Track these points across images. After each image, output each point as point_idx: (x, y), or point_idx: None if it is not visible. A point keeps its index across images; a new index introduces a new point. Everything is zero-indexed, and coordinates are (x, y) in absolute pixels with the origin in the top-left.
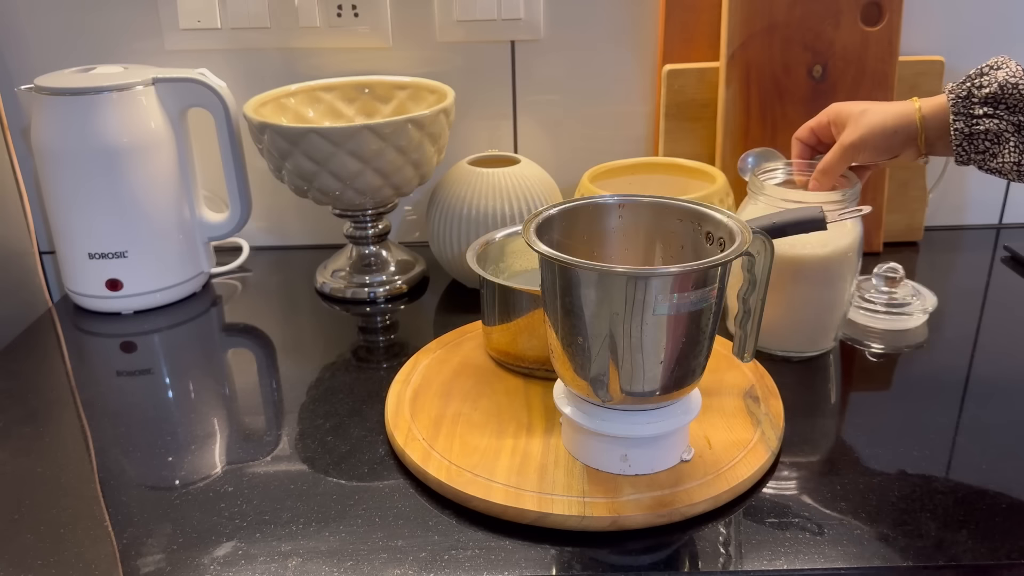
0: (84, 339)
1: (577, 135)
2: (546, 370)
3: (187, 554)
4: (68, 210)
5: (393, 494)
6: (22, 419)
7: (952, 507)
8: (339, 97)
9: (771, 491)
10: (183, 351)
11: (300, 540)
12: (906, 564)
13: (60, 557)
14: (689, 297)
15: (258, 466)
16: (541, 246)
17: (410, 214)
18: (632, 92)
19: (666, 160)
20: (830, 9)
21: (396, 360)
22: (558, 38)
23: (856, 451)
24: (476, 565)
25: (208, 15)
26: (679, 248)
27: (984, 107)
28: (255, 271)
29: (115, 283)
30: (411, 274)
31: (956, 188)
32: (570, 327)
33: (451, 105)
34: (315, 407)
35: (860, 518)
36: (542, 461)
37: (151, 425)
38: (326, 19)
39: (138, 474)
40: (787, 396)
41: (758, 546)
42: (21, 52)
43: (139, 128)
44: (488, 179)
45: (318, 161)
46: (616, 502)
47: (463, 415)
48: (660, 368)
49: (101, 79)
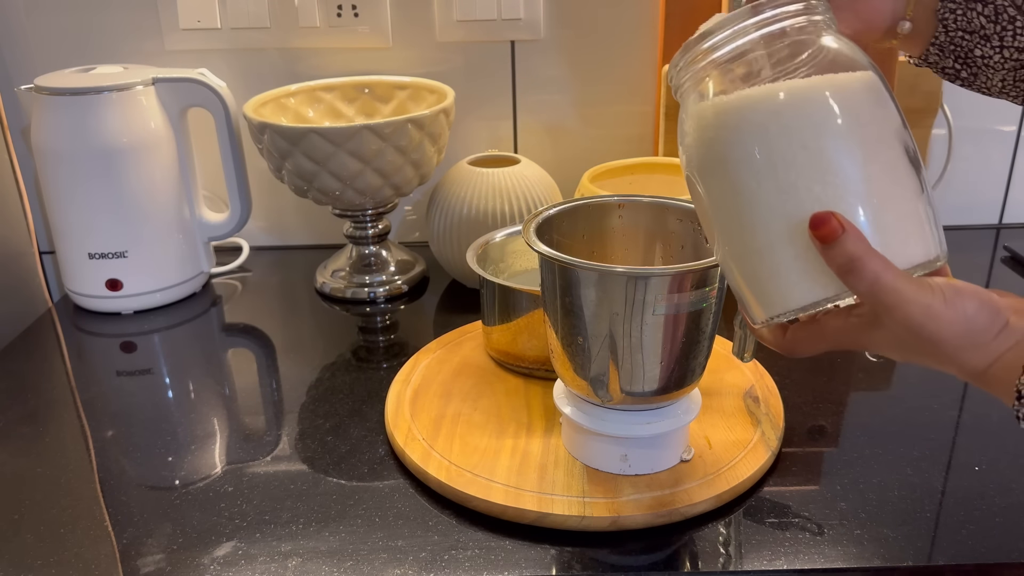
0: (84, 339)
1: (577, 135)
2: (546, 370)
3: (187, 554)
4: (68, 210)
5: (393, 494)
6: (22, 419)
7: (952, 507)
8: (339, 97)
9: (771, 491)
10: (183, 351)
11: (300, 540)
12: (906, 564)
13: (60, 557)
14: (689, 297)
15: (258, 466)
16: (541, 246)
17: (410, 214)
18: (632, 92)
19: (666, 160)
20: None
21: (396, 360)
22: (558, 38)
23: (856, 451)
24: (476, 565)
25: (208, 15)
26: (679, 248)
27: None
28: (255, 271)
29: (115, 283)
30: (411, 274)
31: (956, 188)
32: (570, 327)
33: (451, 105)
34: (315, 407)
35: (860, 518)
36: (542, 461)
37: (151, 425)
38: (326, 19)
39: (138, 474)
40: (787, 396)
41: (758, 546)
42: (21, 52)
43: (139, 128)
44: (488, 179)
45: (318, 161)
46: (616, 502)
47: (463, 415)
48: (660, 368)
49: (101, 79)
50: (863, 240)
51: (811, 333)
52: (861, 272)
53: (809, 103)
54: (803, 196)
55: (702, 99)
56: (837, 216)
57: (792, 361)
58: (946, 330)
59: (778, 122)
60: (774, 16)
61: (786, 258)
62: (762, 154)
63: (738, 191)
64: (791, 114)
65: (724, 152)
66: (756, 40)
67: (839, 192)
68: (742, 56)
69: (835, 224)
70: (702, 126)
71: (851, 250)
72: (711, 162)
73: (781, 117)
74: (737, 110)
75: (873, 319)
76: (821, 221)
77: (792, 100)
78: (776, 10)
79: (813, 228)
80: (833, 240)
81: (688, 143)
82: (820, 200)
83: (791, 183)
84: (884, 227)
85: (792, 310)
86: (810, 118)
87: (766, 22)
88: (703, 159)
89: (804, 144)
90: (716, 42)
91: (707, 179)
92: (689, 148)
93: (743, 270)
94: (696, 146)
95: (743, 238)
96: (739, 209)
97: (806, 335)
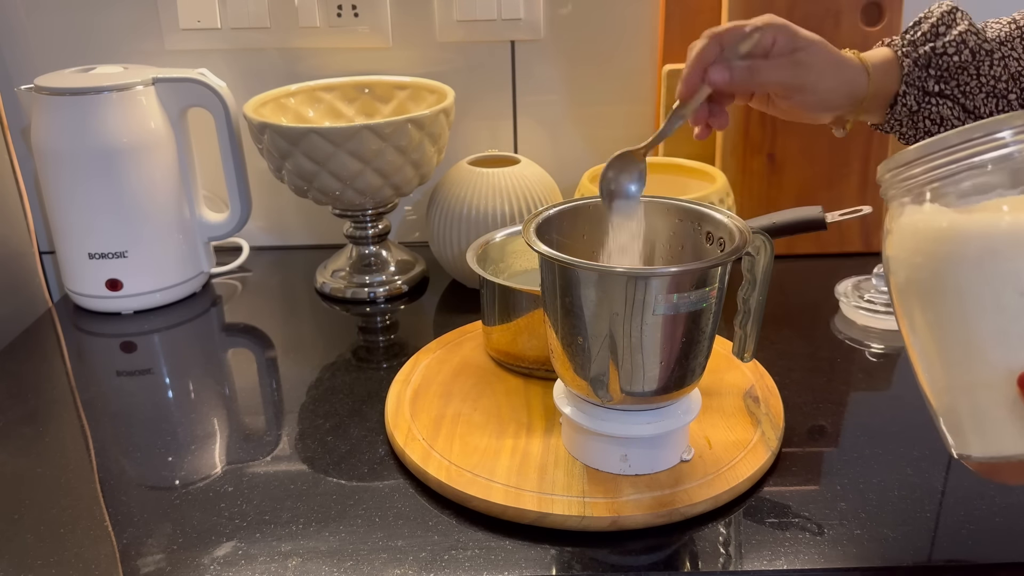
0: (84, 339)
1: (577, 135)
2: (546, 370)
3: (187, 554)
4: (68, 210)
5: (393, 494)
6: (22, 419)
7: (952, 507)
8: (339, 97)
9: (771, 491)
10: (183, 351)
11: (300, 540)
12: (906, 564)
13: (60, 557)
14: (689, 297)
15: (258, 466)
16: (541, 246)
17: (410, 214)
18: (632, 92)
19: (666, 160)
20: (830, 9)
21: (396, 360)
22: (558, 38)
23: (856, 451)
24: (476, 565)
25: (208, 15)
26: (679, 248)
27: (940, 83)
28: (255, 271)
29: (115, 283)
30: (411, 274)
31: None
32: (570, 327)
33: (451, 105)
34: (315, 407)
35: (860, 518)
36: (542, 461)
37: (151, 425)
38: (326, 19)
39: (138, 474)
40: (787, 396)
41: (758, 546)
42: (21, 52)
43: (139, 128)
44: (488, 179)
45: (318, 161)
46: (616, 502)
47: (463, 415)
48: (660, 368)
49: (101, 79)
50: None
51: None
52: None
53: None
54: (1016, 344)
55: (916, 212)
56: None
57: (792, 361)
58: None
59: (998, 259)
60: (1010, 138)
61: (997, 403)
62: (994, 292)
63: (949, 323)
64: (1014, 251)
65: (949, 280)
66: (985, 162)
67: None
68: (965, 177)
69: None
70: (915, 247)
71: None
72: (931, 285)
73: (1003, 253)
74: (959, 239)
75: None
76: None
77: (1016, 235)
78: (1010, 130)
79: (1022, 386)
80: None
81: (896, 258)
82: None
83: (1004, 328)
84: None
85: (1000, 457)
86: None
87: (999, 143)
88: (921, 280)
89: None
90: (940, 160)
91: (917, 301)
92: (898, 263)
93: (947, 402)
94: (911, 267)
95: (956, 369)
96: (950, 340)
97: (1016, 468)
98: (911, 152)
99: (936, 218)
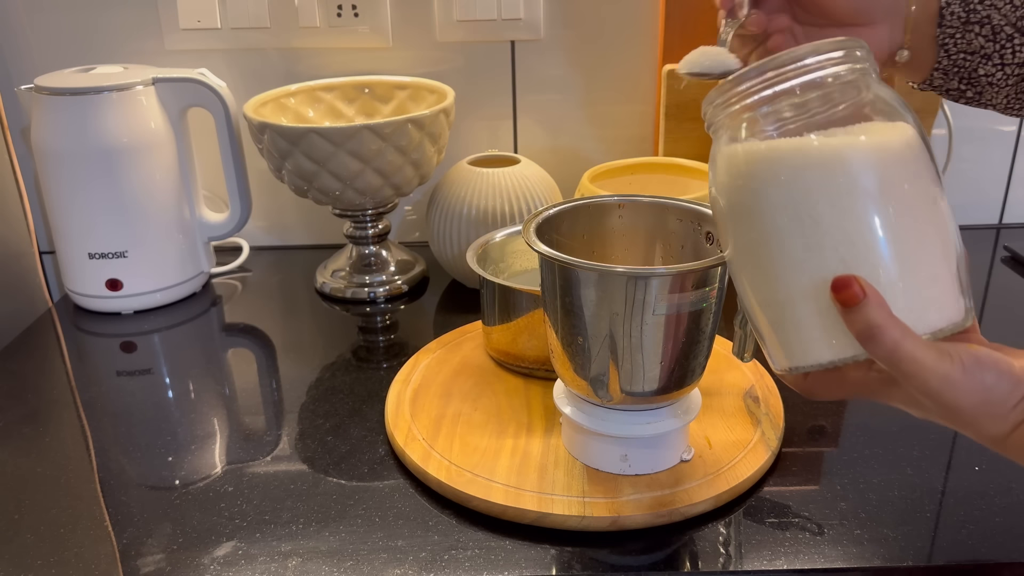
0: (84, 339)
1: (577, 135)
2: (546, 370)
3: (187, 554)
4: (68, 210)
5: (393, 494)
6: (22, 419)
7: (952, 507)
8: (339, 97)
9: (771, 491)
10: (183, 351)
11: (300, 540)
12: (906, 564)
13: (60, 557)
14: (689, 297)
15: (258, 466)
16: (541, 246)
17: (410, 214)
18: (632, 92)
19: (666, 160)
20: None
21: (396, 360)
22: (558, 38)
23: (856, 451)
24: (476, 565)
25: (208, 15)
26: (679, 248)
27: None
28: (255, 271)
29: (115, 283)
30: (411, 274)
31: (956, 188)
32: (570, 327)
33: (451, 105)
34: (315, 407)
35: (860, 518)
36: (542, 461)
37: (151, 425)
38: (326, 19)
39: (138, 474)
40: (787, 396)
41: (758, 546)
42: (21, 52)
43: (139, 128)
44: (488, 179)
45: (318, 161)
46: (616, 502)
47: (463, 415)
48: (660, 368)
49: (101, 79)
50: (884, 307)
51: (831, 380)
52: (880, 340)
53: (840, 162)
54: (828, 255)
55: (733, 141)
56: (859, 281)
57: None
58: (964, 400)
59: (807, 178)
60: (816, 63)
61: (809, 313)
62: (790, 208)
63: (765, 241)
64: (820, 172)
65: (753, 201)
66: (794, 87)
67: (863, 255)
68: (777, 102)
69: (857, 289)
70: (733, 172)
71: (871, 317)
72: (740, 208)
73: (810, 173)
74: (768, 161)
75: (892, 378)
76: (843, 285)
77: (823, 158)
78: (817, 57)
79: (835, 291)
80: (854, 305)
81: (719, 184)
82: (844, 261)
83: (817, 241)
84: (907, 292)
85: (812, 365)
86: (840, 177)
87: (806, 69)
88: (732, 204)
89: (832, 203)
90: (752, 86)
91: (735, 224)
92: (720, 189)
93: (767, 317)
94: (726, 190)
95: (768, 287)
96: (766, 259)
97: (826, 381)
98: (728, 82)
99: (754, 144)
